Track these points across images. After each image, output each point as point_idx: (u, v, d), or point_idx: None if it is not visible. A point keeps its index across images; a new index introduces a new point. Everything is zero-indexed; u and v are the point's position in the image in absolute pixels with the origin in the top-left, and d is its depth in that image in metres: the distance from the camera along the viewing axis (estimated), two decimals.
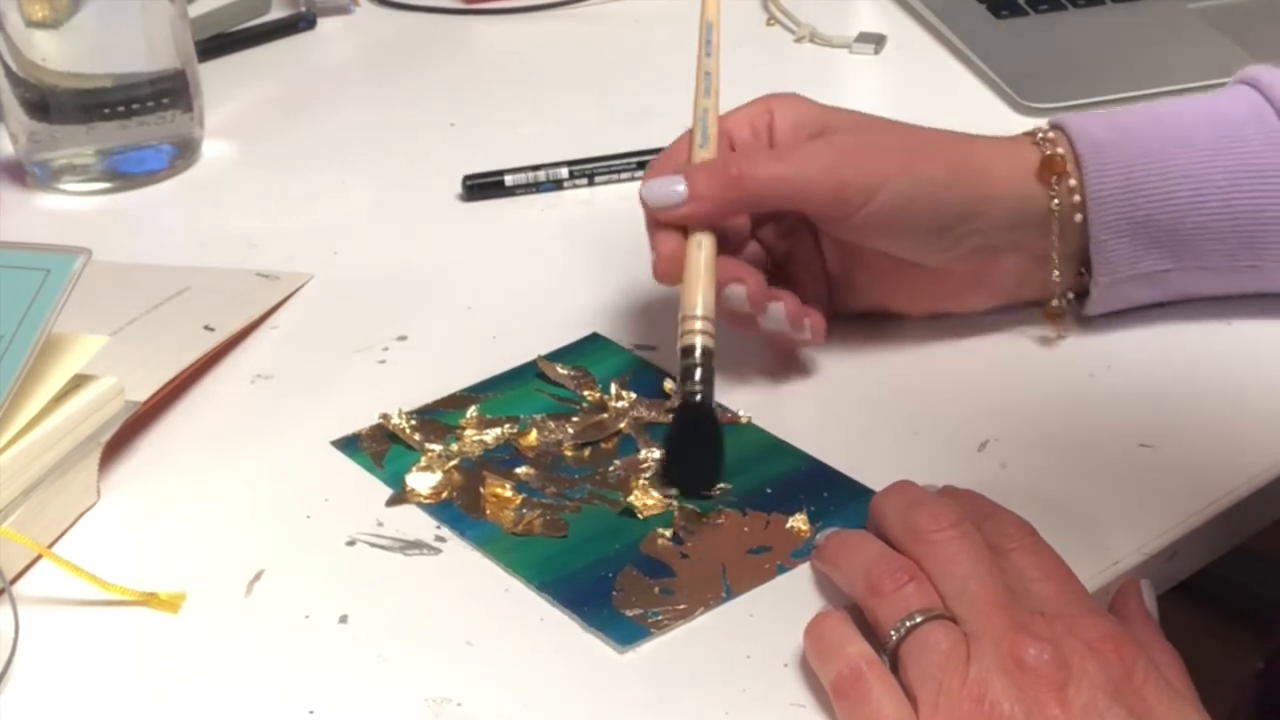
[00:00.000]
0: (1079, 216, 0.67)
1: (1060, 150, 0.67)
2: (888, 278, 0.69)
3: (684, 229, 0.65)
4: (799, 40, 1.02)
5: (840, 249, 0.69)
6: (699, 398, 0.61)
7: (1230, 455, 0.63)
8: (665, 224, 0.65)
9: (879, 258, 0.67)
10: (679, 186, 0.65)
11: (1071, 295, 0.70)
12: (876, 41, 1.01)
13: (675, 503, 0.61)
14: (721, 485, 0.62)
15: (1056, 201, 0.67)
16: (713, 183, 0.65)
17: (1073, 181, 0.67)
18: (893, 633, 0.52)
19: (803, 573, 0.58)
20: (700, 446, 0.62)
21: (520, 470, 0.64)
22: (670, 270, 0.65)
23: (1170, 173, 0.67)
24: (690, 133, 0.68)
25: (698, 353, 0.62)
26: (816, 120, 0.68)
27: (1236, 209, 0.67)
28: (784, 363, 0.69)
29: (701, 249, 0.64)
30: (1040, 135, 0.68)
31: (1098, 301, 0.69)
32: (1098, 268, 0.68)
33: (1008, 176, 0.67)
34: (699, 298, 0.63)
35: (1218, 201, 0.67)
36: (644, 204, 0.66)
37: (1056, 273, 0.68)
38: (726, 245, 0.66)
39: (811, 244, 0.70)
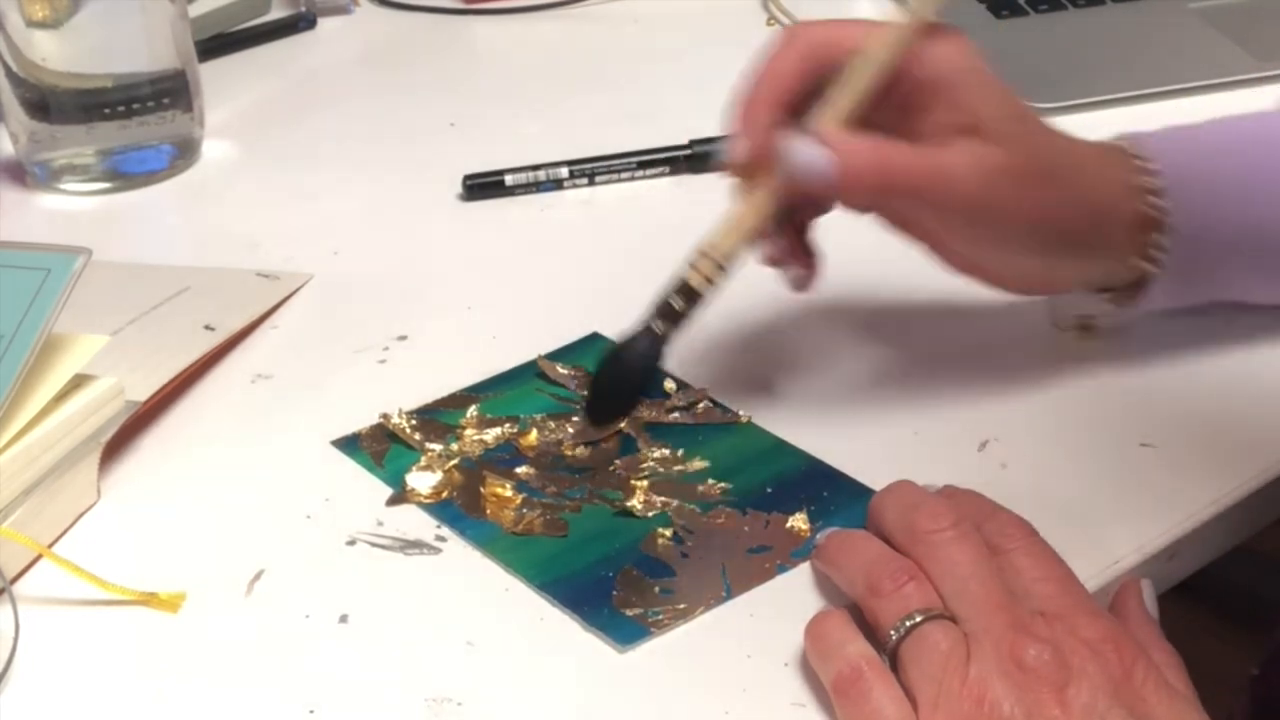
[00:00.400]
0: (1155, 269, 0.65)
1: (1163, 204, 0.64)
2: (952, 245, 0.65)
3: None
4: None
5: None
6: (657, 331, 0.61)
7: (1230, 455, 0.63)
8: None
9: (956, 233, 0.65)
10: (826, 163, 0.59)
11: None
12: None
13: (675, 501, 0.61)
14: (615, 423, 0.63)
15: (1145, 258, 0.65)
16: (864, 171, 0.60)
17: (1165, 241, 0.64)
18: (892, 632, 0.52)
19: (803, 572, 0.58)
20: (622, 378, 0.62)
21: (520, 470, 0.64)
22: (744, 171, 0.62)
23: (1249, 206, 0.65)
24: (841, 75, 0.61)
25: (686, 289, 0.61)
26: (970, 106, 0.61)
27: None
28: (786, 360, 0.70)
29: (762, 192, 0.61)
30: (1143, 181, 0.64)
31: (1140, 309, 0.67)
32: (1153, 295, 0.66)
33: (1121, 240, 0.64)
34: (724, 239, 0.61)
35: None
36: (780, 157, 0.61)
37: (1107, 296, 0.67)
38: None
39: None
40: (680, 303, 0.61)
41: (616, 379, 0.62)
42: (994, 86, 0.62)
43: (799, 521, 0.60)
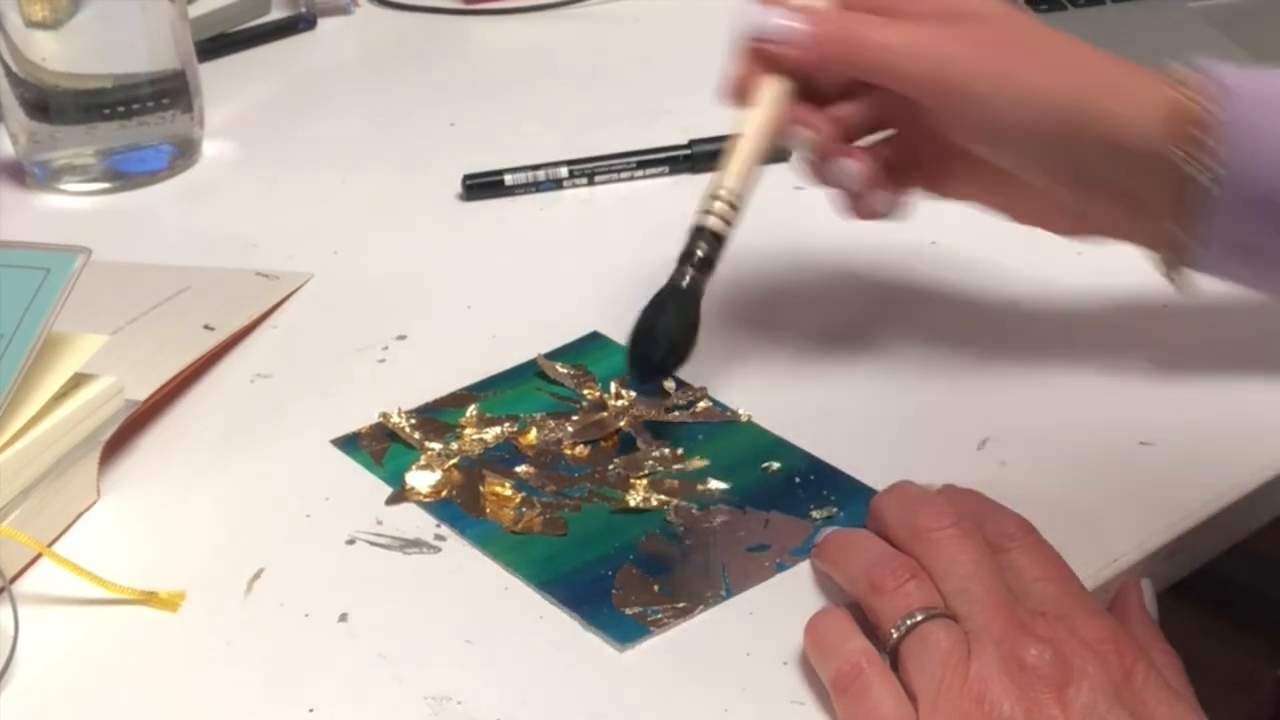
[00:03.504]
0: (1217, 190, 0.59)
1: (1205, 113, 0.58)
2: (983, 176, 0.65)
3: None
4: None
5: (938, 134, 0.65)
6: (686, 282, 0.60)
7: (1230, 453, 0.63)
8: (755, 56, 0.63)
9: (976, 157, 0.64)
10: (790, 23, 0.62)
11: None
12: None
13: (674, 500, 0.61)
14: (670, 383, 0.61)
15: (1191, 170, 0.59)
16: (823, 35, 0.62)
17: (1220, 152, 0.58)
18: (893, 630, 0.52)
19: (802, 571, 0.58)
20: (666, 330, 0.60)
21: (520, 469, 0.64)
22: (736, 94, 0.63)
23: None
24: None
25: (704, 233, 0.60)
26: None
27: None
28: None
29: (761, 108, 0.62)
30: (1186, 93, 0.59)
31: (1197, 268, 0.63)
32: (1209, 240, 0.60)
33: (1141, 139, 0.60)
34: (733, 173, 0.61)
35: None
36: (750, 31, 0.63)
37: (1175, 228, 0.61)
38: (813, 95, 0.64)
39: (913, 118, 0.64)
40: (705, 249, 0.60)
41: (660, 330, 0.60)
42: None
43: (818, 512, 0.60)
